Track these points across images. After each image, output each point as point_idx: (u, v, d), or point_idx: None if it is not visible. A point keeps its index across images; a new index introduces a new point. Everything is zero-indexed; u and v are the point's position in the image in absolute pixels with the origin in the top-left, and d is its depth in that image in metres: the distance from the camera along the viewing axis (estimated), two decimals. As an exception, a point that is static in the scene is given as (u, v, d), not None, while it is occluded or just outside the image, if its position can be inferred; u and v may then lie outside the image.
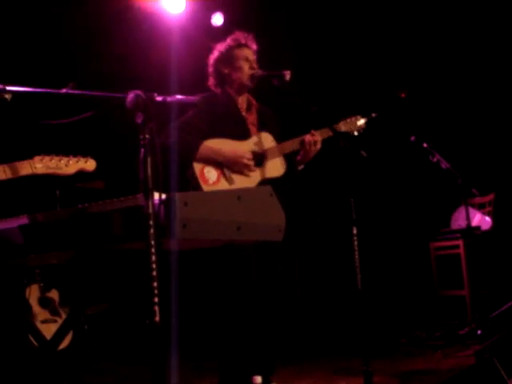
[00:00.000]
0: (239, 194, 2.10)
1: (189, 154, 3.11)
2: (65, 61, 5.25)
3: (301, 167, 3.41)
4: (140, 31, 5.57)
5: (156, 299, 1.83)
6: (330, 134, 3.36)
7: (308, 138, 3.31)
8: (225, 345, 3.06)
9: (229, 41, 3.38)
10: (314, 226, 6.07)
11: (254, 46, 3.39)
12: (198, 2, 5.48)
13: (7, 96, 2.17)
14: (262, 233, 2.19)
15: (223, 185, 3.15)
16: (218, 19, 5.69)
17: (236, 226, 2.06)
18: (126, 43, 5.40)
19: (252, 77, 3.32)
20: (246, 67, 3.32)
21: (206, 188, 3.08)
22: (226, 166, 3.18)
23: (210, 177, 3.13)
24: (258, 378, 3.12)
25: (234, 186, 3.15)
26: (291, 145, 3.34)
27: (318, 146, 3.33)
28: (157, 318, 1.83)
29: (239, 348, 3.04)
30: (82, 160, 2.36)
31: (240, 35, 3.38)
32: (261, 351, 3.14)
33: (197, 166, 3.13)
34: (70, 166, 2.31)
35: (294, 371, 4.16)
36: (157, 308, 1.83)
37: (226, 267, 3.02)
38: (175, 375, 2.83)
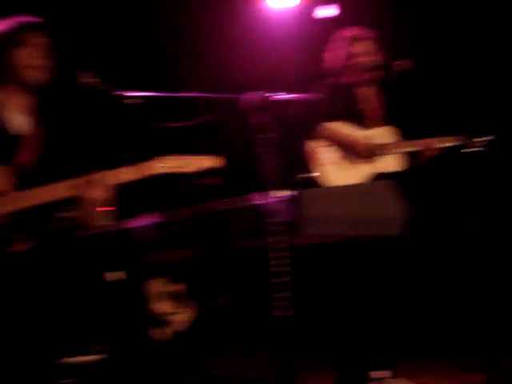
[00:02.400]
0: (360, 189, 2.11)
1: (309, 132, 3.12)
2: (178, 62, 5.41)
3: (412, 169, 3.37)
4: (251, 29, 5.63)
5: (278, 295, 1.86)
6: (451, 143, 3.32)
7: (428, 142, 3.29)
8: (344, 339, 3.05)
9: (344, 37, 3.37)
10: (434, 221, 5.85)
11: (370, 34, 3.35)
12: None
13: (137, 101, 2.28)
14: (382, 227, 2.16)
15: (339, 168, 3.14)
16: (323, 12, 5.62)
17: (356, 220, 2.06)
18: (236, 41, 5.47)
19: (371, 68, 3.29)
20: (364, 61, 3.29)
21: (318, 167, 3.08)
22: (347, 149, 3.17)
23: (324, 157, 3.12)
24: (379, 373, 3.09)
25: (349, 172, 3.14)
26: (411, 145, 3.31)
27: (435, 152, 3.31)
28: (279, 313, 1.86)
29: (359, 343, 3.02)
30: (203, 158, 2.38)
31: (353, 30, 3.37)
32: (382, 346, 3.10)
33: (315, 145, 3.14)
34: (192, 164, 2.35)
35: (414, 366, 4.07)
36: (279, 303, 1.86)
37: (346, 262, 3.02)
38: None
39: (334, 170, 3.12)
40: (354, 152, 3.18)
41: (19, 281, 2.13)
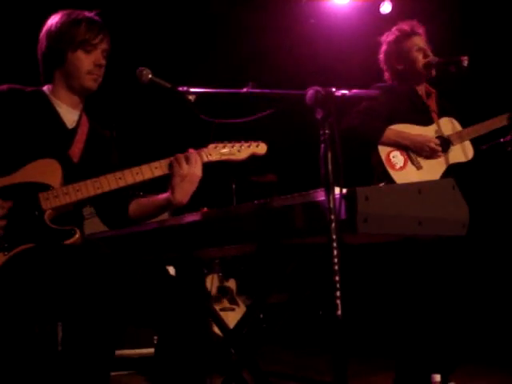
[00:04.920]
0: (420, 188, 2.06)
1: (374, 138, 3.10)
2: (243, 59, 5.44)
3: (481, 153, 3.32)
4: (307, 25, 5.61)
5: (338, 293, 1.83)
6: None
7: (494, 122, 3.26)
8: (404, 341, 3.00)
9: (395, 32, 3.33)
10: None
11: (421, 31, 3.31)
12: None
13: (191, 97, 2.28)
14: (444, 227, 2.12)
15: (410, 170, 3.10)
16: (386, 7, 5.55)
17: (417, 220, 2.02)
18: (300, 37, 5.46)
19: (427, 65, 3.26)
20: (420, 57, 3.26)
21: (392, 173, 3.06)
22: (413, 150, 3.14)
23: (396, 162, 3.10)
24: (437, 377, 3.03)
25: (421, 171, 3.10)
26: (477, 129, 3.26)
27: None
28: (339, 312, 1.84)
29: (418, 345, 2.97)
30: (254, 144, 2.37)
31: (405, 24, 3.32)
32: (441, 349, 3.04)
33: (383, 151, 3.11)
34: (243, 151, 2.34)
35: (470, 372, 3.98)
36: (339, 302, 1.84)
37: (406, 262, 2.96)
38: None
39: (412, 172, 3.08)
40: (426, 150, 3.13)
41: (77, 273, 2.13)
